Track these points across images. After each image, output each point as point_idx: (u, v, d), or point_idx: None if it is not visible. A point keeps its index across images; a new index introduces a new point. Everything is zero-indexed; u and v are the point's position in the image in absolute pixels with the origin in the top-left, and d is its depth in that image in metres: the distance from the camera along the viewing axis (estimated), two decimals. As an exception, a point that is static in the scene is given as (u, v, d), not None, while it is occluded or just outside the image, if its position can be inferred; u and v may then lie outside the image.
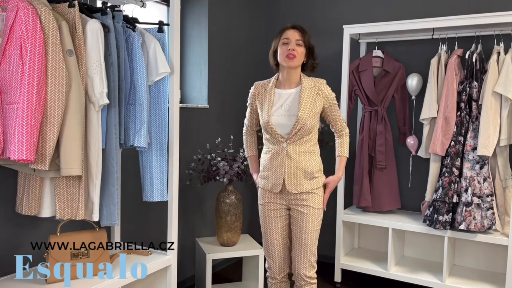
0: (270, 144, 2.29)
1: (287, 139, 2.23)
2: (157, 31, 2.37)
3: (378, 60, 3.39)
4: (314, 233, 2.26)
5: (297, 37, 2.21)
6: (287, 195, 2.28)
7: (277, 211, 2.32)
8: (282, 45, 2.23)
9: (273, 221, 2.33)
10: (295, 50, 2.19)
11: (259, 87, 2.36)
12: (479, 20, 2.85)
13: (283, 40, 2.23)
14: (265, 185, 2.32)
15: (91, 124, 2.00)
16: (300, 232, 2.26)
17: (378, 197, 3.38)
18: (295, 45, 2.20)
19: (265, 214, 2.34)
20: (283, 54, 2.21)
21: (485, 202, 2.87)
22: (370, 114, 3.39)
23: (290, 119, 2.22)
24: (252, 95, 2.39)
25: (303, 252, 2.26)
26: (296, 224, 2.28)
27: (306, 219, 2.25)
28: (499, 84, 2.81)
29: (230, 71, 3.74)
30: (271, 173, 2.28)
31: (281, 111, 2.25)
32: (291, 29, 2.24)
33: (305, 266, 2.27)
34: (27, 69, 1.72)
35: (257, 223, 4.15)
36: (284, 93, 2.29)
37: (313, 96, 2.25)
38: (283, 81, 2.30)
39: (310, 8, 3.96)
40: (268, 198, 2.32)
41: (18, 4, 1.75)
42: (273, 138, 2.26)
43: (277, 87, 2.32)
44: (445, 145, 3.01)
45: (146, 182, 2.38)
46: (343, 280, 3.50)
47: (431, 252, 3.44)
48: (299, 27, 2.25)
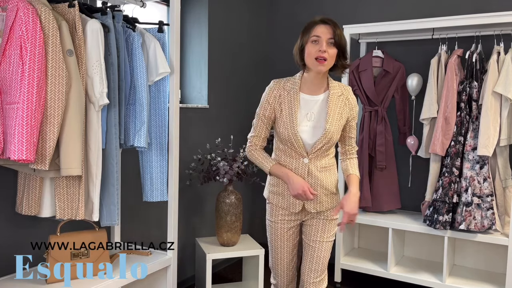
0: (287, 157, 2.00)
1: (309, 153, 1.97)
2: (157, 31, 2.37)
3: (378, 60, 3.39)
4: (328, 244, 2.06)
5: (329, 35, 1.86)
6: (304, 212, 2.06)
7: (291, 229, 2.08)
8: (311, 43, 1.88)
9: (285, 240, 2.09)
10: (326, 52, 1.86)
11: (281, 88, 1.99)
12: (479, 20, 2.84)
13: (313, 38, 1.88)
14: (280, 202, 2.05)
15: (91, 124, 2.00)
16: (313, 244, 2.06)
17: (378, 197, 3.37)
18: (327, 45, 1.87)
19: (276, 232, 2.09)
20: (312, 55, 1.88)
21: (485, 202, 2.87)
22: (370, 114, 3.39)
23: (316, 131, 1.95)
24: (272, 97, 1.99)
25: (315, 265, 2.06)
26: (309, 234, 2.07)
27: (321, 230, 2.05)
28: (499, 84, 2.81)
29: (230, 71, 3.74)
30: (286, 190, 2.02)
31: (306, 121, 1.96)
32: (322, 24, 1.88)
33: (315, 282, 2.06)
34: (27, 69, 1.72)
35: (257, 223, 4.15)
36: (310, 100, 1.97)
37: (341, 106, 1.97)
38: (310, 85, 1.98)
39: (310, 8, 3.96)
40: (282, 216, 2.07)
41: (18, 4, 1.75)
42: (293, 151, 1.98)
43: (302, 91, 1.98)
44: (445, 145, 3.01)
45: (146, 182, 2.38)
46: (343, 280, 3.50)
47: (431, 252, 3.44)
48: (331, 22, 1.89)
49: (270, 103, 1.99)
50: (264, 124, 2.03)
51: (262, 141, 2.06)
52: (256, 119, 2.06)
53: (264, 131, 2.05)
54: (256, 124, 2.06)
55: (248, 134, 2.10)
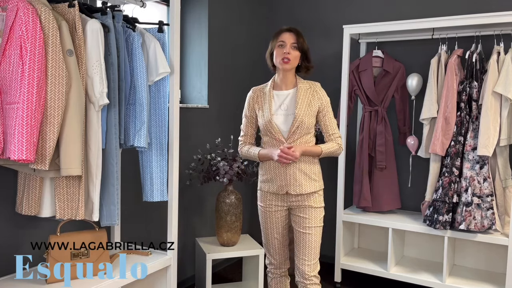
0: (270, 147, 2.31)
1: (287, 138, 2.26)
2: (157, 31, 2.37)
3: (378, 60, 3.39)
4: (317, 229, 2.28)
5: (292, 41, 2.25)
6: (288, 197, 2.30)
7: (278, 212, 2.35)
8: (278, 47, 2.27)
9: (274, 221, 2.36)
10: (290, 54, 2.24)
11: (257, 91, 2.40)
12: (479, 20, 2.85)
13: (279, 43, 2.27)
14: (270, 188, 2.32)
15: (91, 124, 2.00)
16: (303, 231, 2.27)
17: (378, 197, 3.38)
18: (290, 48, 2.24)
19: (265, 215, 2.37)
20: (279, 57, 2.26)
21: (485, 202, 2.87)
22: (370, 114, 3.39)
23: (288, 118, 2.27)
24: (251, 98, 2.40)
25: (307, 251, 2.27)
26: (298, 223, 2.29)
27: (308, 217, 2.27)
28: (499, 84, 2.81)
29: (230, 71, 3.74)
30: (274, 176, 2.30)
31: (281, 111, 2.30)
32: (287, 32, 2.27)
33: (310, 264, 2.27)
34: (27, 69, 1.72)
35: (257, 223, 4.15)
36: (282, 94, 2.33)
37: (309, 96, 2.29)
38: (280, 82, 2.34)
39: (310, 8, 3.96)
40: (270, 201, 2.35)
41: (18, 4, 1.75)
42: (274, 138, 2.29)
43: (275, 89, 2.36)
44: (445, 145, 3.01)
45: (146, 182, 2.38)
46: (343, 280, 3.50)
47: (431, 252, 3.44)
48: (294, 30, 2.28)
49: (250, 104, 2.40)
50: (249, 123, 2.41)
51: (250, 138, 2.44)
52: (243, 122, 2.44)
53: (250, 129, 2.42)
54: (243, 126, 2.44)
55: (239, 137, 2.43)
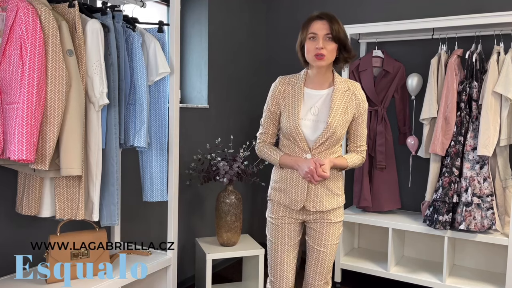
0: (290, 152, 1.98)
1: (312, 148, 1.93)
2: (157, 31, 2.37)
3: (378, 60, 3.39)
4: (333, 247, 2.02)
5: (326, 31, 1.86)
6: (305, 211, 2.00)
7: (291, 225, 2.02)
8: (309, 40, 1.89)
9: (287, 238, 2.03)
10: (324, 49, 1.86)
11: (286, 83, 1.99)
12: (479, 20, 2.84)
13: (310, 35, 1.89)
14: (282, 199, 2.00)
15: (91, 124, 2.00)
16: (318, 247, 2.01)
17: (378, 197, 3.37)
18: (324, 41, 1.86)
19: (276, 230, 2.03)
20: (311, 52, 1.88)
21: (485, 202, 2.87)
22: (370, 114, 3.39)
23: (318, 126, 1.92)
24: (277, 91, 2.00)
25: (319, 268, 2.02)
26: (314, 238, 2.02)
27: (326, 233, 2.00)
28: (499, 84, 2.81)
29: (230, 71, 3.74)
30: (289, 187, 1.98)
31: (310, 115, 1.94)
32: (318, 21, 1.90)
33: (320, 284, 2.04)
34: (27, 69, 1.72)
35: (257, 223, 4.15)
36: (314, 94, 1.96)
37: (346, 101, 1.94)
38: (313, 79, 1.97)
39: (310, 8, 3.96)
40: (283, 212, 2.02)
41: (18, 4, 1.75)
42: (296, 146, 1.95)
43: (306, 86, 1.98)
44: (445, 145, 3.01)
45: (146, 182, 2.38)
46: (343, 280, 3.50)
47: (431, 252, 3.44)
48: (327, 17, 1.90)
49: (275, 98, 2.00)
50: (271, 120, 2.04)
51: (270, 137, 2.07)
52: (263, 116, 2.07)
53: (272, 127, 2.05)
54: (263, 121, 2.07)
55: (257, 133, 2.11)
